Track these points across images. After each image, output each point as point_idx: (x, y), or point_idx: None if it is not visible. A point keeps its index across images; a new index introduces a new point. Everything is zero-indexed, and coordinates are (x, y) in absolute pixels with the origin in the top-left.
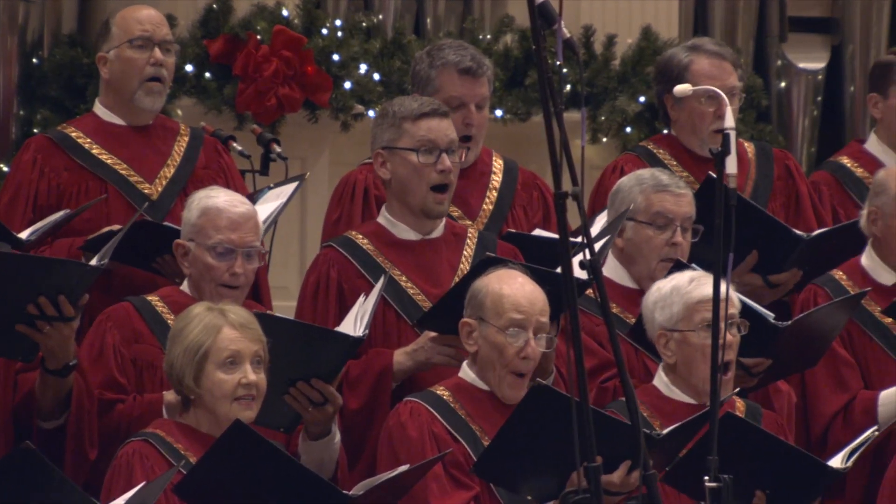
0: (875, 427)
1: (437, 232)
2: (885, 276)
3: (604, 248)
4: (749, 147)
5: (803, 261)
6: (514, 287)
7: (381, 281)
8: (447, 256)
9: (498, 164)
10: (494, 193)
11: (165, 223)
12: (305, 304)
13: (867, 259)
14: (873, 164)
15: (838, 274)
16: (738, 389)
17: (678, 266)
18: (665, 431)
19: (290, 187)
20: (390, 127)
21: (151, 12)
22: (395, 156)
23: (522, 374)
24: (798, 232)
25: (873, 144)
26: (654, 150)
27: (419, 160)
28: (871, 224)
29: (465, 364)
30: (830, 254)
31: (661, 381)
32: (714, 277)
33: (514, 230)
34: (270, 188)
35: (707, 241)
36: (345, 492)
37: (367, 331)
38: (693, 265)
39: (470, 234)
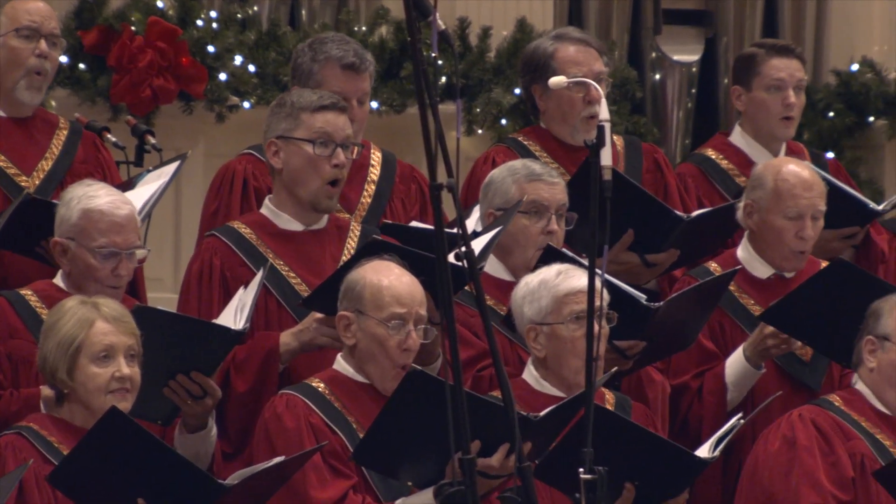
0: (739, 415)
1: (321, 224)
2: (760, 269)
3: (489, 245)
4: (618, 140)
5: (681, 242)
6: (392, 279)
7: (261, 273)
8: (330, 248)
9: (376, 157)
10: (373, 186)
11: (54, 200)
12: (190, 293)
13: (743, 251)
14: (738, 155)
15: (713, 265)
16: (614, 369)
17: (549, 252)
18: (541, 414)
19: (172, 167)
20: (287, 117)
21: (41, 4)
22: (289, 146)
23: (404, 365)
24: (678, 212)
25: (737, 137)
26: (525, 142)
27: (314, 152)
28: (746, 217)
29: (339, 356)
30: (708, 236)
31: (530, 375)
32: (589, 270)
33: (391, 221)
34: (150, 171)
35: (585, 226)
36: (220, 480)
37: (248, 324)
38: (565, 250)
39: (353, 227)
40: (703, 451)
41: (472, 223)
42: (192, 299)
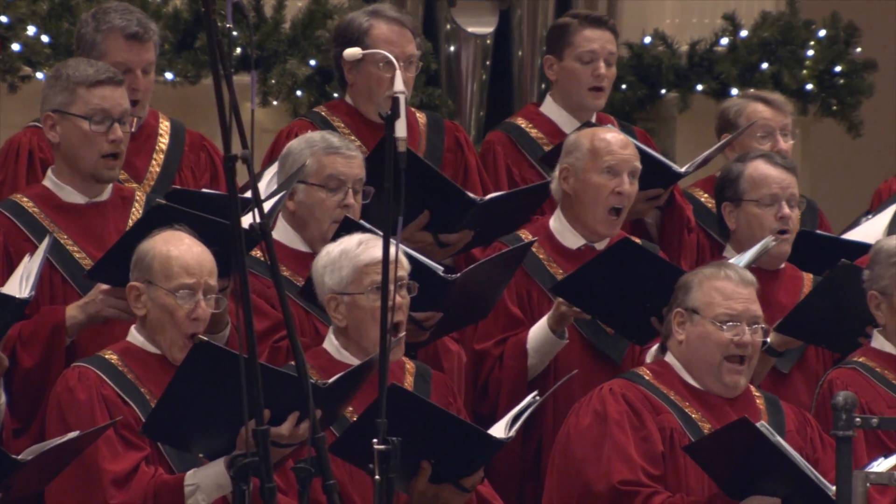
0: (535, 393)
1: (105, 195)
2: (571, 239)
3: (274, 208)
4: (421, 117)
5: (475, 222)
6: (182, 249)
7: (46, 241)
8: (114, 220)
9: (165, 126)
10: (161, 155)
11: None
12: None
13: (555, 222)
14: (548, 125)
15: (524, 234)
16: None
17: (347, 224)
18: (330, 381)
19: None
20: (63, 90)
21: None
22: (66, 121)
23: (193, 335)
24: (471, 195)
25: (548, 106)
26: (328, 117)
27: (91, 129)
28: (562, 181)
29: (132, 328)
30: (504, 217)
31: (331, 344)
32: (384, 240)
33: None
34: None
35: (381, 201)
36: (14, 456)
37: (33, 292)
38: (363, 222)
39: (138, 197)
40: (499, 431)
41: (262, 187)
42: None
